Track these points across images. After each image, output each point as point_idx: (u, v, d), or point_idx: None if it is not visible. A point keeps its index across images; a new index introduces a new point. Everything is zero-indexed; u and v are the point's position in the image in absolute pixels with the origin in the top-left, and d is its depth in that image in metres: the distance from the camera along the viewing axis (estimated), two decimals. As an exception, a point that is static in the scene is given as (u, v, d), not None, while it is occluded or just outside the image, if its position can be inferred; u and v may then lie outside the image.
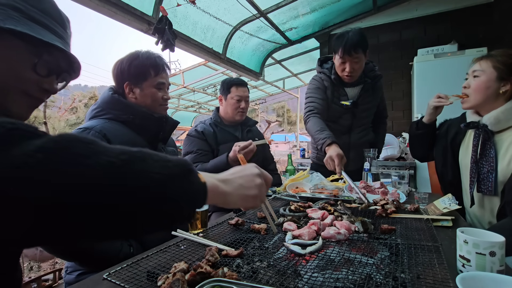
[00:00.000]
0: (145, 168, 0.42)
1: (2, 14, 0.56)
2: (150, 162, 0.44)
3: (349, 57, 1.69)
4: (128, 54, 1.23)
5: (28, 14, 0.60)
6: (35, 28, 0.60)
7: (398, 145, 3.23)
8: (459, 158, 1.40)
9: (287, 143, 24.11)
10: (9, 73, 0.59)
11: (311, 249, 0.80)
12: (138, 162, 0.42)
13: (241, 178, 0.63)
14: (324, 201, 1.32)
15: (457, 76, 2.87)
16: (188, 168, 0.49)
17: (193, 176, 0.50)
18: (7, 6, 0.57)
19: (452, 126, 1.46)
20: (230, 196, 0.60)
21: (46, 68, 0.64)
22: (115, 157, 0.40)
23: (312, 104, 1.81)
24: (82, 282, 0.72)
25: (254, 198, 0.63)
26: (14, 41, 0.59)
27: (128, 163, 0.41)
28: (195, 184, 0.50)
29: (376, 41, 3.93)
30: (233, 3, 3.00)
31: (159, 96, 1.24)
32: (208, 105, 9.17)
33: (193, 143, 1.81)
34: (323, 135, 1.60)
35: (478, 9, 3.38)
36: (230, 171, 0.64)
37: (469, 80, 1.28)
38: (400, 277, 0.65)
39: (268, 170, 2.09)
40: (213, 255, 0.74)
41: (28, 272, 2.67)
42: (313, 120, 1.73)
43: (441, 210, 1.12)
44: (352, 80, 1.80)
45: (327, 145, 1.56)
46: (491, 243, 0.65)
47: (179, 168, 0.47)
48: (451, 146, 1.42)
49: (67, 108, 6.67)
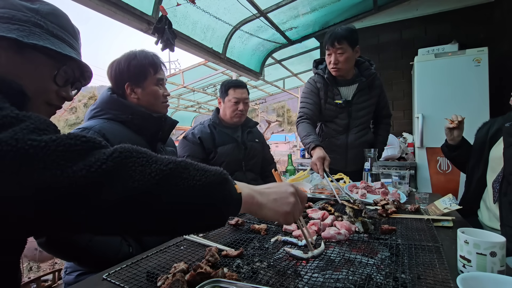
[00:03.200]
0: (188, 175, 0.49)
1: (26, 30, 0.61)
2: (192, 171, 0.51)
3: (332, 48, 1.73)
4: (124, 54, 1.23)
5: (48, 29, 0.65)
6: (55, 42, 0.65)
7: (399, 145, 3.22)
8: (490, 153, 1.39)
9: (287, 143, 24.11)
10: (33, 85, 0.64)
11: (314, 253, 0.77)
12: (183, 171, 0.49)
13: (276, 193, 0.66)
14: (324, 201, 1.32)
15: (458, 75, 2.89)
16: (225, 177, 0.55)
17: (229, 185, 0.55)
18: (29, 23, 0.63)
19: (494, 124, 1.46)
20: (263, 208, 0.63)
21: (64, 78, 0.69)
22: (165, 166, 0.48)
23: (303, 110, 1.87)
24: (82, 283, 0.71)
25: (286, 215, 0.65)
26: (36, 55, 0.64)
27: (174, 171, 0.48)
28: (232, 192, 0.55)
29: (376, 41, 3.92)
30: (233, 3, 3.00)
31: (160, 93, 1.25)
32: (208, 105, 9.16)
33: (185, 148, 1.81)
34: (309, 139, 1.66)
35: (479, 9, 3.37)
36: (266, 185, 0.68)
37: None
38: (400, 278, 0.65)
39: (268, 171, 2.09)
40: (213, 255, 0.73)
41: (27, 272, 2.67)
42: (302, 126, 1.79)
43: (442, 210, 1.11)
44: (339, 73, 1.81)
45: (312, 149, 1.61)
46: (492, 244, 0.65)
47: (216, 176, 0.53)
48: (490, 142, 1.41)
49: (67, 108, 6.66)
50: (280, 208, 0.64)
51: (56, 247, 0.93)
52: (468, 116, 1.70)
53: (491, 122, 1.50)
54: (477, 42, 3.18)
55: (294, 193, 0.67)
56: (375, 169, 1.67)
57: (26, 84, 0.61)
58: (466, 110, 2.77)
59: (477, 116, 1.49)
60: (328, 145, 1.95)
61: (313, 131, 1.74)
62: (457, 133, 1.51)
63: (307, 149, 1.66)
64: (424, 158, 2.99)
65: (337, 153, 1.94)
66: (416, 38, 3.68)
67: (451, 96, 2.89)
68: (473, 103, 2.79)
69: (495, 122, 1.47)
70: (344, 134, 1.92)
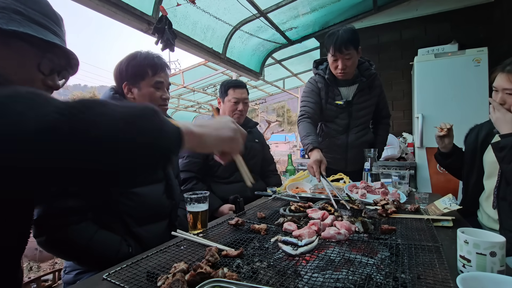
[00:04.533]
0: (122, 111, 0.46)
1: (5, 17, 0.58)
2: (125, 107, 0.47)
3: (340, 54, 1.71)
4: (129, 54, 1.23)
5: (29, 16, 0.62)
6: (37, 29, 0.62)
7: (398, 145, 3.22)
8: (483, 158, 1.40)
9: (287, 143, 24.10)
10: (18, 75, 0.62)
11: (302, 250, 0.78)
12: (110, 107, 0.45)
13: (216, 123, 0.66)
14: (324, 201, 1.32)
15: (458, 75, 2.89)
16: (155, 109, 0.50)
17: (161, 117, 0.51)
18: (9, 9, 0.60)
19: (482, 129, 1.46)
20: (206, 137, 0.61)
21: (49, 67, 0.66)
22: None
23: (304, 109, 1.87)
24: (82, 282, 0.71)
25: (231, 140, 0.66)
26: (19, 43, 0.61)
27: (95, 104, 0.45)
28: (167, 124, 0.52)
29: (376, 41, 3.92)
30: (233, 3, 3.00)
31: (157, 96, 1.22)
32: (208, 105, 9.16)
33: None
34: (308, 140, 1.66)
35: (479, 9, 3.37)
36: (203, 121, 0.66)
37: (503, 97, 1.24)
38: (400, 278, 0.65)
39: (268, 171, 2.09)
40: (213, 255, 0.73)
41: (27, 272, 2.66)
42: (302, 125, 1.79)
43: (442, 210, 1.11)
44: (346, 77, 1.81)
45: (309, 150, 1.61)
46: (492, 243, 0.65)
47: (144, 110, 0.49)
48: (481, 148, 1.42)
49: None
50: (223, 133, 0.64)
51: (56, 247, 0.93)
52: (468, 116, 1.70)
53: (478, 128, 1.50)
54: (476, 42, 3.19)
55: (233, 121, 0.69)
56: (375, 169, 1.67)
57: (10, 74, 0.59)
58: (466, 110, 2.78)
59: (477, 116, 1.49)
60: (328, 145, 1.95)
61: (313, 131, 1.74)
62: (448, 140, 1.52)
63: (305, 150, 1.67)
64: (424, 158, 3.00)
65: (337, 153, 1.94)
66: (416, 38, 3.68)
67: (451, 96, 2.89)
68: (473, 103, 2.79)
69: (482, 127, 1.47)
70: (344, 134, 1.92)
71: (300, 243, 0.86)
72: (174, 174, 1.33)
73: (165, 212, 1.23)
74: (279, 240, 0.88)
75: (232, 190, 1.71)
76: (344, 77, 1.80)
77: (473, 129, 1.55)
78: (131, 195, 1.08)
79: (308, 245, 0.80)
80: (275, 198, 1.56)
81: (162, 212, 1.21)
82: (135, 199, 1.09)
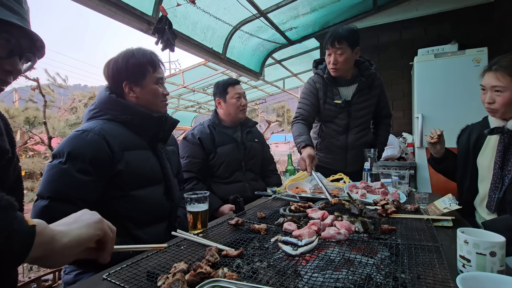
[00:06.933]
0: None
1: None
2: None
3: (332, 48, 1.74)
4: (121, 52, 1.20)
5: None
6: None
7: (398, 145, 3.22)
8: (477, 162, 1.39)
9: (287, 143, 24.08)
10: None
11: (302, 250, 0.78)
12: None
13: (75, 216, 0.59)
14: (324, 201, 1.32)
15: (458, 76, 2.89)
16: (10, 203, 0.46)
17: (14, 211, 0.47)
18: None
19: (473, 131, 1.46)
20: (69, 232, 0.54)
21: (6, 49, 0.59)
22: None
23: (299, 111, 1.89)
24: (82, 282, 0.71)
25: (98, 222, 0.59)
26: None
27: None
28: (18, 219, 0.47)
29: (376, 41, 3.92)
30: (233, 3, 3.00)
31: (160, 92, 1.23)
32: (208, 105, 9.15)
33: (186, 148, 1.82)
34: (300, 139, 1.69)
35: (479, 9, 3.37)
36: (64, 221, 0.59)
37: (492, 96, 1.24)
38: (400, 277, 0.65)
39: (268, 171, 2.09)
40: (213, 255, 0.74)
41: (27, 272, 2.66)
42: (296, 126, 1.82)
43: (442, 210, 1.11)
44: (338, 74, 1.82)
45: (302, 147, 1.64)
46: (492, 243, 0.65)
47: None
48: (473, 151, 1.41)
49: (67, 108, 6.66)
50: (88, 220, 0.58)
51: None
52: (468, 116, 1.70)
53: (469, 129, 1.50)
54: (477, 42, 3.19)
55: (94, 213, 0.62)
56: (375, 169, 1.67)
57: None
58: (465, 110, 2.78)
59: (477, 116, 1.48)
60: (328, 146, 1.95)
61: (306, 131, 1.76)
62: (439, 146, 1.51)
63: (298, 148, 1.69)
64: (424, 158, 3.00)
65: (337, 153, 1.94)
66: (415, 38, 3.68)
67: (451, 96, 2.89)
68: (473, 103, 2.78)
69: (473, 129, 1.47)
70: (344, 135, 1.92)
71: (300, 243, 0.86)
72: (173, 173, 1.32)
73: (164, 214, 1.22)
74: (279, 240, 0.88)
75: (232, 190, 1.71)
76: (336, 73, 1.81)
77: (464, 130, 1.55)
78: (130, 198, 1.08)
79: (308, 245, 0.81)
80: (275, 198, 1.56)
81: (161, 214, 1.21)
82: (134, 202, 1.09)
